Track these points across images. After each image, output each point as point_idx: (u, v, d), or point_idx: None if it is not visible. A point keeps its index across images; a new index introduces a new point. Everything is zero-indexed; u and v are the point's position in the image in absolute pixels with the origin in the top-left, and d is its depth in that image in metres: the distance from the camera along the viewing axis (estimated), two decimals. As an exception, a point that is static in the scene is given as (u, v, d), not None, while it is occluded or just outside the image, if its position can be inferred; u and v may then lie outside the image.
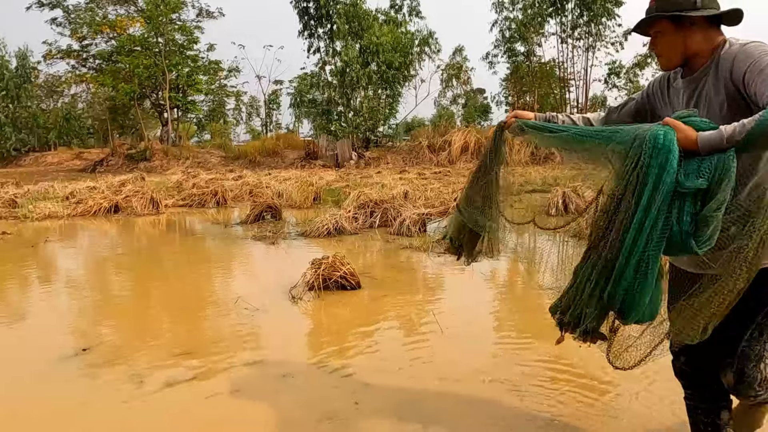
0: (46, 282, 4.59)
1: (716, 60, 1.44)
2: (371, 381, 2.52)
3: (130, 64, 27.42)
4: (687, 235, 1.23)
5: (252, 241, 6.48)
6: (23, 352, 2.99)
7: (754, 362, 1.49)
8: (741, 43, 1.42)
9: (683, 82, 1.54)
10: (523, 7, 25.17)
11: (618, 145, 1.35)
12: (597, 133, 1.49)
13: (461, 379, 2.52)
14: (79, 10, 29.02)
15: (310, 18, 24.23)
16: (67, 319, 3.58)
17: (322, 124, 24.41)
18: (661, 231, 1.23)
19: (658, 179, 1.22)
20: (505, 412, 2.21)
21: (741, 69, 1.35)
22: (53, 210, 9.45)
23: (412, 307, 3.65)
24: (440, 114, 40.01)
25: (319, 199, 10.57)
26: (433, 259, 5.23)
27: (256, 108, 44.95)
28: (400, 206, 7.54)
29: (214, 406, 2.31)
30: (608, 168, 1.47)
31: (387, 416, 2.20)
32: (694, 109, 1.41)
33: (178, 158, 25.35)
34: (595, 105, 28.10)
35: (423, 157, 21.20)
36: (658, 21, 1.51)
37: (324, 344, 3.03)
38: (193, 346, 3.01)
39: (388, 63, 22.74)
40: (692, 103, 1.50)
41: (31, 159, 31.13)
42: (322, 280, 4.07)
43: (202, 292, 4.20)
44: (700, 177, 1.22)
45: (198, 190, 11.37)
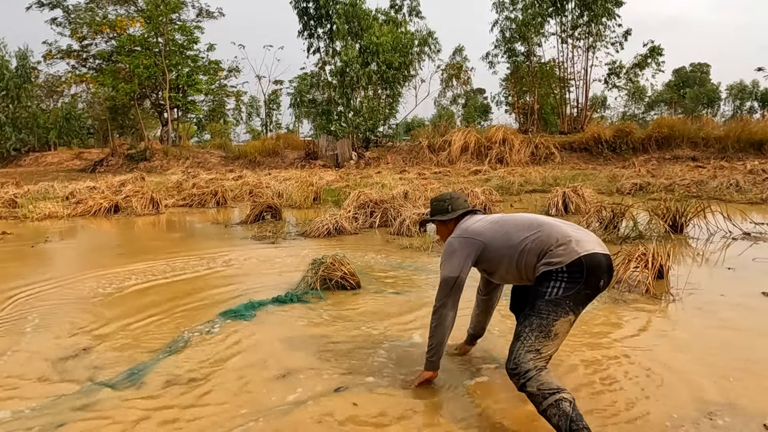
0: (46, 282, 4.59)
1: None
2: (371, 381, 2.52)
3: (130, 64, 27.43)
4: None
5: (252, 241, 6.48)
6: (24, 353, 2.99)
7: (514, 339, 2.13)
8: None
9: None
10: (523, 7, 25.16)
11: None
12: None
13: (461, 377, 2.52)
14: (79, 10, 29.06)
15: (310, 18, 24.24)
16: (66, 319, 3.58)
17: (322, 124, 24.42)
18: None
19: None
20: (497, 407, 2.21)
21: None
22: (53, 210, 9.46)
23: (412, 307, 3.65)
24: (440, 114, 40.06)
25: (319, 199, 10.58)
26: (433, 259, 5.23)
27: (256, 108, 44.99)
28: (400, 206, 7.54)
29: (214, 405, 2.31)
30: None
31: (387, 416, 2.20)
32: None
33: (178, 158, 25.35)
34: (595, 105, 28.11)
35: (423, 157, 21.20)
36: (434, 219, 2.63)
37: (324, 344, 3.02)
38: (193, 346, 3.00)
39: (388, 63, 22.74)
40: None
41: (31, 159, 31.13)
42: (322, 280, 4.07)
43: (202, 292, 4.19)
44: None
45: (198, 190, 11.38)
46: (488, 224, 2.39)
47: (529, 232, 2.23)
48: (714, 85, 50.55)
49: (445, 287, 2.34)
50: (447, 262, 2.36)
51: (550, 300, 2.07)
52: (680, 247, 5.52)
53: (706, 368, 2.59)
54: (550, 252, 2.14)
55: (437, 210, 2.59)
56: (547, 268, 2.12)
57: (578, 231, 2.22)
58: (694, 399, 2.28)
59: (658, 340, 2.98)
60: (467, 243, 2.34)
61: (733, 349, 2.81)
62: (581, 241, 2.14)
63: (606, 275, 2.12)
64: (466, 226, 2.44)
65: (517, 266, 2.24)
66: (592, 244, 2.13)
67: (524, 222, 2.29)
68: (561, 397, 1.91)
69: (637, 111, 47.77)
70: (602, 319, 3.33)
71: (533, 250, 2.18)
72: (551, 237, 2.17)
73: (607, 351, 2.84)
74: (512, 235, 2.27)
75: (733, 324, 3.19)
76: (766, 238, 5.86)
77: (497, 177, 13.92)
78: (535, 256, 2.18)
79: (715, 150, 18.69)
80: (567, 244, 2.12)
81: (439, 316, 2.37)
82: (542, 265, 2.14)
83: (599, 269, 2.09)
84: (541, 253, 2.16)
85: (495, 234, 2.32)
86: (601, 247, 2.16)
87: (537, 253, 2.17)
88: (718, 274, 4.40)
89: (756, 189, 10.03)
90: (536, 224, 2.25)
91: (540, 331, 2.05)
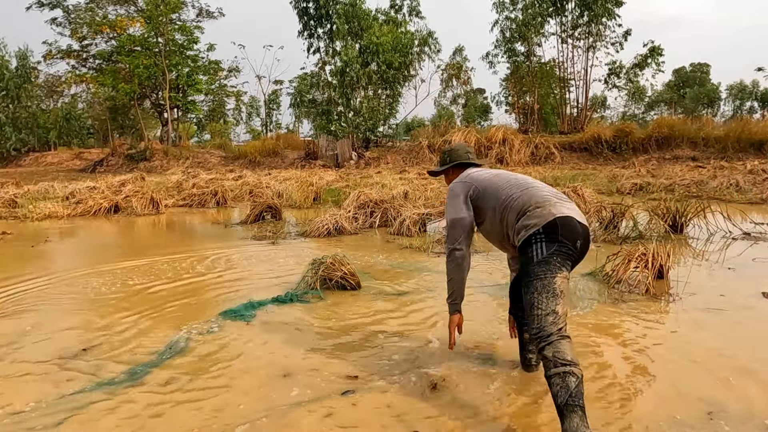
0: (46, 282, 4.59)
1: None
2: (370, 381, 2.52)
3: (130, 64, 27.44)
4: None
5: (252, 241, 6.48)
6: (24, 352, 2.99)
7: (528, 309, 2.14)
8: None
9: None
10: (523, 6, 25.17)
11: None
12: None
13: (461, 375, 2.52)
14: (79, 10, 29.07)
15: (310, 18, 24.23)
16: (66, 318, 3.58)
17: (322, 124, 24.41)
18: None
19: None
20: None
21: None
22: (53, 210, 9.45)
23: (412, 307, 3.65)
24: (440, 114, 40.07)
25: (319, 199, 10.57)
26: (433, 259, 5.23)
27: (256, 108, 45.01)
28: (400, 206, 7.54)
29: (214, 405, 2.31)
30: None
31: (387, 416, 2.20)
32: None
33: (178, 158, 25.36)
34: (595, 105, 28.11)
35: (423, 157, 21.19)
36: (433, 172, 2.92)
37: (323, 344, 3.03)
38: (193, 346, 3.01)
39: (388, 63, 22.73)
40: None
41: (31, 159, 31.14)
42: (322, 280, 4.07)
43: (202, 291, 4.19)
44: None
45: (198, 190, 11.38)
46: (487, 175, 2.56)
47: (516, 190, 2.35)
48: (714, 85, 50.57)
49: (452, 229, 2.47)
50: (449, 207, 2.52)
51: (540, 261, 2.14)
52: (680, 247, 5.52)
53: (705, 368, 2.59)
54: (528, 213, 2.24)
55: (441, 163, 2.83)
56: (526, 234, 2.21)
57: (560, 199, 2.30)
58: (693, 399, 2.28)
59: (657, 341, 2.98)
60: (463, 186, 2.53)
61: (733, 349, 2.81)
62: (558, 204, 2.24)
63: (582, 239, 2.19)
64: (467, 173, 2.63)
65: (500, 221, 2.37)
66: (570, 211, 2.22)
67: (515, 181, 2.44)
68: (570, 371, 1.93)
69: (637, 111, 47.78)
70: (602, 319, 3.33)
71: (515, 208, 2.30)
72: (532, 198, 2.28)
73: (606, 351, 2.84)
74: (502, 190, 2.40)
75: (733, 324, 3.19)
76: (766, 238, 5.86)
77: (497, 177, 13.88)
78: (515, 213, 2.29)
79: (715, 150, 18.68)
80: (543, 206, 2.22)
81: (453, 258, 2.46)
82: (521, 228, 2.24)
83: (574, 230, 2.17)
84: (520, 212, 2.27)
85: (488, 185, 2.46)
86: (579, 216, 2.24)
87: (517, 212, 2.29)
88: (718, 274, 4.40)
89: (756, 189, 10.04)
90: (524, 185, 2.38)
91: (547, 292, 2.09)
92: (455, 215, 2.45)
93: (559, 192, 2.39)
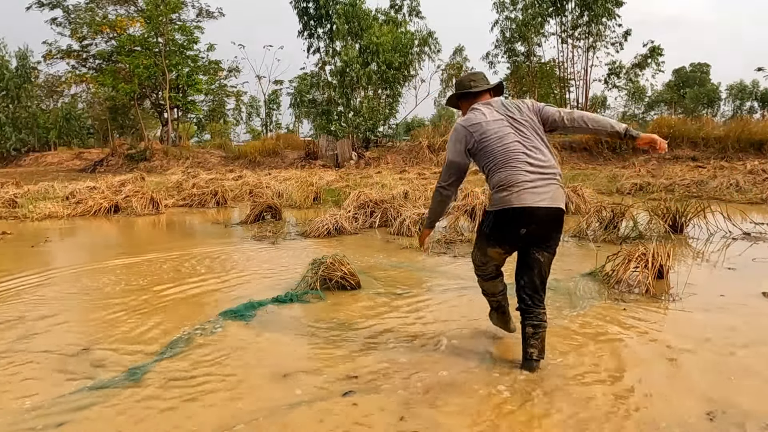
0: (46, 282, 4.59)
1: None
2: (370, 381, 2.52)
3: (130, 64, 27.45)
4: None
5: (252, 241, 6.48)
6: (24, 352, 2.99)
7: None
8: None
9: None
10: (523, 7, 25.17)
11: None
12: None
13: (461, 376, 2.52)
14: (79, 10, 29.09)
15: (310, 18, 24.24)
16: (66, 318, 3.58)
17: (322, 124, 24.41)
18: None
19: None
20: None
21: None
22: (53, 210, 9.45)
23: (411, 307, 3.65)
24: (440, 114, 40.04)
25: (319, 199, 10.57)
26: (434, 259, 5.23)
27: (256, 108, 45.01)
28: (400, 206, 7.54)
29: (214, 405, 2.31)
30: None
31: (387, 416, 2.20)
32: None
33: (178, 158, 25.36)
34: (595, 105, 28.11)
35: (423, 157, 21.20)
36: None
37: (323, 344, 3.02)
38: (193, 346, 3.01)
39: (388, 63, 22.73)
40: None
41: (31, 159, 31.14)
42: (322, 280, 4.07)
43: (202, 292, 4.19)
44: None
45: (198, 190, 11.38)
46: (486, 127, 2.57)
47: (501, 159, 2.51)
48: (714, 85, 50.54)
49: (447, 169, 2.69)
50: (450, 146, 2.69)
51: (484, 232, 2.66)
52: (680, 247, 5.51)
53: (705, 368, 2.58)
54: (498, 188, 2.50)
55: (457, 91, 2.82)
56: (489, 206, 2.61)
57: (534, 180, 2.46)
58: (693, 399, 2.28)
59: (657, 341, 2.98)
60: (464, 134, 2.62)
61: (733, 349, 2.80)
62: (523, 192, 2.44)
63: (536, 224, 2.47)
64: (472, 114, 2.66)
65: (486, 175, 2.62)
66: (531, 198, 2.44)
67: (504, 149, 2.52)
68: (493, 299, 2.88)
69: (637, 111, 47.78)
70: (601, 318, 3.33)
71: (493, 179, 2.53)
72: (507, 178, 2.47)
73: (605, 351, 2.83)
74: (492, 154, 2.54)
75: (733, 324, 3.19)
76: (766, 238, 5.86)
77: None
78: (493, 184, 2.55)
79: (715, 150, 18.69)
80: (510, 191, 2.45)
81: (440, 195, 2.75)
82: (491, 196, 2.57)
83: (523, 220, 2.46)
84: (496, 184, 2.51)
85: (485, 144, 2.56)
86: (541, 201, 2.44)
87: (494, 183, 2.53)
88: (718, 274, 4.40)
89: (756, 189, 10.03)
90: (508, 158, 2.50)
91: (480, 252, 2.72)
92: (453, 158, 2.66)
93: (543, 162, 2.50)
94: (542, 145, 2.54)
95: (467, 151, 2.62)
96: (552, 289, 3.99)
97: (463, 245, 5.82)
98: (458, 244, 5.86)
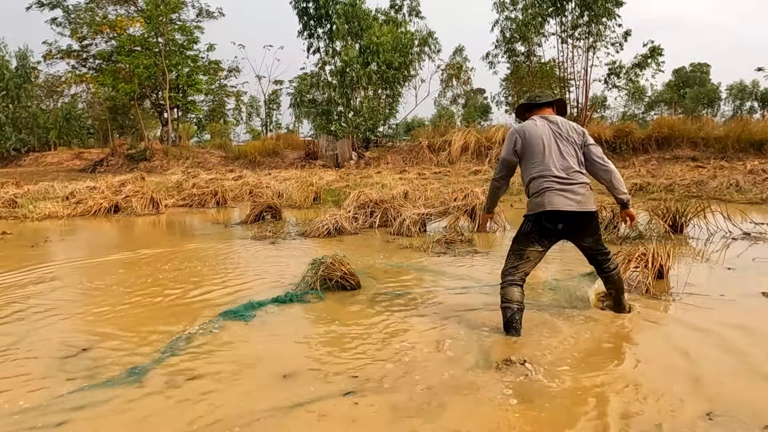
0: (46, 281, 4.59)
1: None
2: (371, 381, 2.52)
3: (130, 64, 27.43)
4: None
5: (252, 241, 6.48)
6: (24, 352, 2.99)
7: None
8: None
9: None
10: (523, 6, 25.13)
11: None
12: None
13: (463, 376, 2.52)
14: (79, 10, 29.05)
15: (310, 18, 24.19)
16: (66, 318, 3.58)
17: (322, 124, 24.38)
18: None
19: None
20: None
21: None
22: (53, 210, 9.45)
23: (411, 307, 3.65)
24: (440, 114, 40.03)
25: (319, 199, 10.57)
26: (433, 259, 5.23)
27: (256, 108, 44.95)
28: (400, 206, 7.54)
29: (214, 405, 2.31)
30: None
31: (388, 416, 2.20)
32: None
33: (178, 158, 25.35)
34: (595, 105, 28.10)
35: (423, 157, 21.18)
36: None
37: (323, 344, 3.03)
38: (192, 346, 3.01)
39: (388, 63, 22.71)
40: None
41: (31, 159, 31.12)
42: (322, 280, 4.07)
43: (202, 292, 4.19)
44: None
45: (198, 190, 11.38)
46: (535, 133, 3.09)
47: (539, 167, 3.03)
48: (714, 85, 50.50)
49: (500, 164, 3.24)
50: (505, 145, 3.21)
51: (522, 233, 3.12)
52: (680, 247, 5.51)
53: (705, 368, 2.59)
54: (533, 193, 3.04)
55: (530, 100, 3.34)
56: (526, 210, 3.11)
57: (563, 184, 2.98)
58: (693, 399, 2.28)
59: (657, 340, 2.98)
60: (516, 136, 3.15)
61: (732, 349, 2.81)
62: (554, 195, 2.96)
63: (566, 222, 2.98)
64: (528, 123, 3.18)
65: (524, 178, 3.15)
66: (560, 202, 2.95)
67: (542, 157, 3.04)
68: (508, 306, 3.05)
69: (637, 111, 47.71)
70: (601, 319, 3.33)
71: (530, 183, 3.08)
72: (541, 184, 3.00)
73: (605, 351, 2.84)
74: (533, 158, 3.06)
75: (733, 324, 3.19)
76: (766, 238, 5.86)
77: (497, 177, 13.88)
78: (529, 188, 3.10)
79: (715, 150, 18.67)
80: (543, 196, 2.98)
81: (493, 185, 3.33)
82: (528, 200, 3.11)
83: (556, 218, 2.98)
84: (532, 188, 3.06)
85: (529, 148, 3.09)
86: (568, 205, 2.94)
87: (530, 189, 3.08)
88: (718, 274, 4.40)
89: (756, 189, 10.03)
90: (545, 165, 3.02)
91: (516, 255, 3.11)
92: (504, 155, 3.19)
93: (570, 170, 3.01)
94: (575, 160, 3.06)
95: (515, 151, 3.13)
96: (552, 289, 4.00)
97: (463, 245, 5.83)
98: (458, 245, 5.86)
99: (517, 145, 3.11)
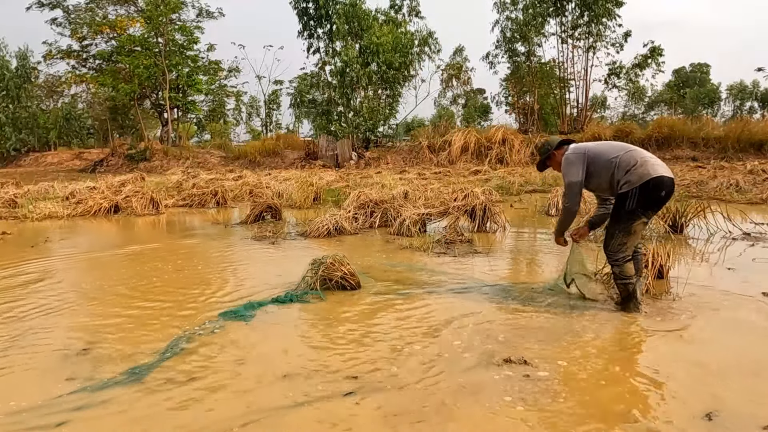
0: (46, 281, 4.59)
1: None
2: (371, 382, 2.52)
3: (130, 64, 27.42)
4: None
5: (252, 241, 6.48)
6: (24, 352, 2.99)
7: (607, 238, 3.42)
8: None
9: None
10: (523, 7, 25.13)
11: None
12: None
13: (464, 376, 2.52)
14: (79, 10, 29.05)
15: (310, 18, 24.18)
16: (66, 318, 3.58)
17: (322, 124, 24.38)
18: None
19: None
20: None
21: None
22: (53, 210, 9.45)
23: (412, 308, 3.65)
24: (440, 114, 40.00)
25: (319, 199, 10.57)
26: (433, 259, 5.23)
27: (256, 108, 44.90)
28: (400, 206, 7.53)
29: (214, 406, 2.31)
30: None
31: (388, 415, 2.20)
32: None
33: (178, 158, 25.34)
34: (595, 105, 28.09)
35: (423, 157, 21.17)
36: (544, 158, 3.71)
37: (323, 345, 3.03)
38: (193, 346, 3.01)
39: (388, 63, 22.70)
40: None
41: (31, 159, 31.11)
42: (321, 280, 4.07)
43: (202, 292, 4.19)
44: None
45: (198, 190, 11.36)
46: (592, 144, 3.47)
47: (621, 152, 3.30)
48: (714, 85, 50.47)
49: (570, 190, 3.42)
50: (568, 171, 3.39)
51: (629, 210, 3.22)
52: (680, 247, 5.52)
53: (705, 368, 2.59)
54: (630, 170, 3.20)
55: (543, 152, 3.67)
56: (628, 188, 3.21)
57: (652, 157, 3.28)
58: (692, 399, 2.28)
59: (656, 341, 2.98)
60: (578, 156, 3.39)
61: (733, 349, 2.81)
62: (650, 164, 3.20)
63: (667, 189, 3.20)
64: (574, 146, 3.50)
65: (611, 176, 3.29)
66: (660, 169, 3.20)
67: (617, 146, 3.40)
68: (628, 282, 3.33)
69: (637, 111, 47.72)
70: (601, 319, 3.33)
71: (622, 166, 3.24)
72: (632, 159, 3.23)
73: (605, 351, 2.84)
74: (609, 153, 3.32)
75: (733, 324, 3.19)
76: (766, 238, 5.86)
77: (497, 177, 13.92)
78: (623, 171, 3.23)
79: (715, 150, 18.66)
80: (643, 166, 3.19)
81: (569, 213, 3.51)
82: (625, 182, 3.21)
83: (661, 185, 3.17)
84: (625, 169, 3.22)
85: (597, 151, 3.37)
86: (666, 171, 3.19)
87: (624, 169, 3.22)
88: (718, 275, 4.40)
89: (756, 189, 10.03)
90: (624, 148, 3.34)
91: (626, 231, 3.27)
92: (573, 178, 3.36)
93: (645, 151, 3.34)
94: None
95: (584, 164, 3.34)
96: (552, 289, 4.00)
97: (463, 246, 5.83)
98: (458, 245, 5.86)
99: (585, 161, 3.36)
